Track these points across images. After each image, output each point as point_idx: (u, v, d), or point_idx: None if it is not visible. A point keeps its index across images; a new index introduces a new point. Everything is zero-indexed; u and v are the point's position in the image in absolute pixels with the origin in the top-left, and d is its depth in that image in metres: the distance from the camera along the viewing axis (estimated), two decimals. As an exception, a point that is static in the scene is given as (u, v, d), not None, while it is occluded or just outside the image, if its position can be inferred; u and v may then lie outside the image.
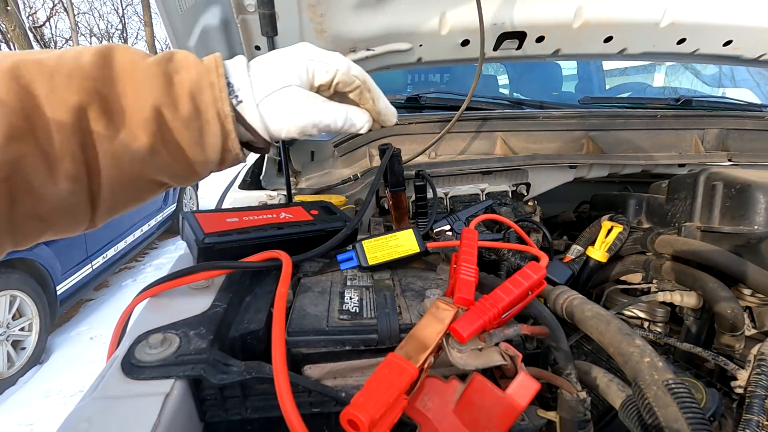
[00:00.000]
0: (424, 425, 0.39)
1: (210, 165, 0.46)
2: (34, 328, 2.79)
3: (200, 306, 0.49)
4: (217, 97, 0.43)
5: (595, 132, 1.18)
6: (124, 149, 0.41)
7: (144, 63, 0.42)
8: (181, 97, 0.42)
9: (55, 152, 0.38)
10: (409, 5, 0.90)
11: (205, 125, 0.43)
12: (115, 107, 0.40)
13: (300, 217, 0.68)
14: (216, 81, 0.43)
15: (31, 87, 0.37)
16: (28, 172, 0.37)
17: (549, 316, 0.48)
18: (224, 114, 0.43)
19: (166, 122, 0.42)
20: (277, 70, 0.47)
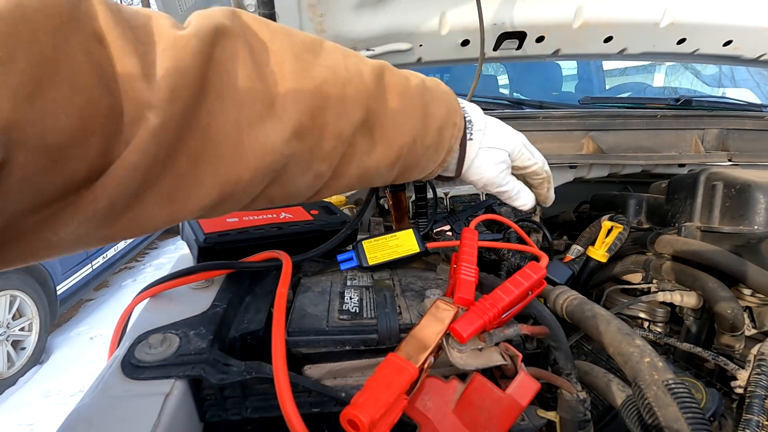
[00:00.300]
0: (424, 425, 0.39)
1: (423, 178, 0.55)
2: (34, 328, 2.79)
3: (200, 306, 0.49)
4: (454, 135, 0.51)
5: (595, 132, 1.18)
6: (375, 165, 0.45)
7: (409, 90, 0.46)
8: (431, 129, 0.48)
9: (321, 154, 0.40)
10: (409, 5, 0.90)
11: (434, 155, 0.50)
12: (380, 125, 0.44)
13: (300, 217, 0.68)
14: (459, 123, 0.51)
15: (324, 91, 0.38)
16: (293, 166, 0.38)
17: (549, 316, 0.48)
18: (452, 150, 0.51)
19: (415, 149, 0.47)
20: (504, 134, 0.57)
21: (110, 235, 0.31)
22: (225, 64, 0.33)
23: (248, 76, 0.34)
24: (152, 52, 0.29)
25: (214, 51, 0.32)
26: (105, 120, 0.26)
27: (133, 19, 0.30)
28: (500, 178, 0.56)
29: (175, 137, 0.30)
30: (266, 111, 0.35)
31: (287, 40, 0.38)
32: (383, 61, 0.46)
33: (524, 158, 0.59)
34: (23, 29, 0.23)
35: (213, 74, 0.32)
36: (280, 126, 0.35)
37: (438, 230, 0.80)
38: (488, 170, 0.55)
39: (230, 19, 0.35)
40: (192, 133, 0.31)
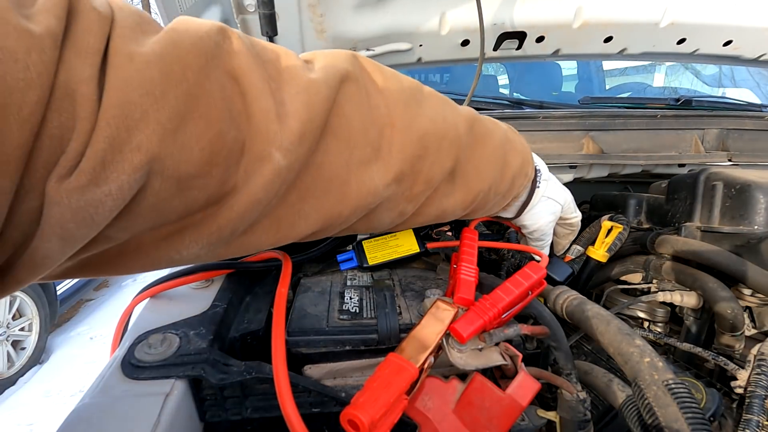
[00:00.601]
0: (424, 425, 0.39)
1: (475, 218, 0.58)
2: (34, 328, 2.79)
3: (200, 306, 0.49)
4: (525, 185, 0.55)
5: (595, 132, 1.17)
6: (451, 207, 0.46)
7: (493, 141, 0.48)
8: (506, 178, 0.50)
9: (410, 197, 0.41)
10: (409, 5, 0.90)
11: (501, 200, 0.53)
12: (461, 173, 0.45)
13: None
14: (530, 173, 0.54)
15: (426, 140, 0.40)
16: (383, 206, 0.40)
17: (549, 316, 0.48)
18: (518, 197, 0.56)
19: (489, 195, 0.49)
20: (560, 188, 0.62)
21: (222, 254, 0.34)
22: (344, 107, 0.34)
23: (362, 120, 0.36)
24: (282, 90, 0.31)
25: (338, 96, 0.34)
26: (228, 153, 0.28)
27: (264, 54, 0.32)
28: (549, 228, 0.61)
29: (295, 176, 0.32)
30: (374, 154, 0.37)
31: (398, 87, 0.40)
32: (473, 111, 0.49)
33: (569, 212, 0.64)
34: (176, 68, 0.24)
35: (333, 117, 0.34)
36: (384, 170, 0.37)
37: (438, 230, 0.80)
38: (543, 218, 0.60)
39: (352, 64, 0.37)
40: (308, 170, 0.33)
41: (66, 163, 0.21)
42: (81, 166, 0.22)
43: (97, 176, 0.22)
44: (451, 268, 0.52)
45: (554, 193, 0.60)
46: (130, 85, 0.23)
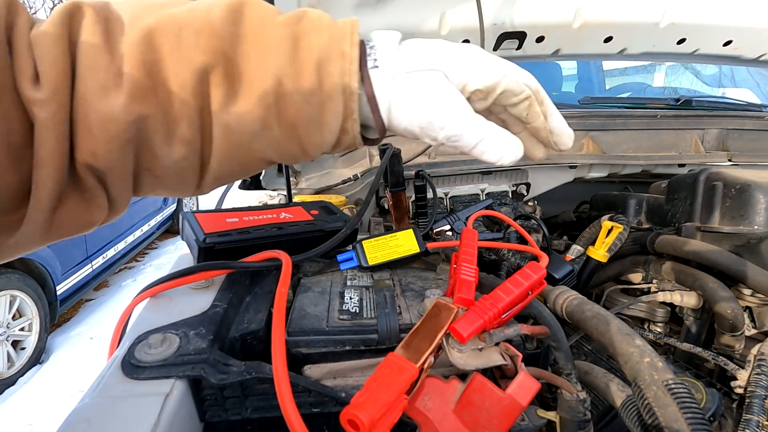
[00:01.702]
0: (425, 425, 0.39)
1: (324, 146, 0.40)
2: (34, 328, 2.79)
3: (200, 306, 0.49)
4: (346, 69, 0.36)
5: (595, 132, 1.18)
6: (238, 121, 0.37)
7: (274, 22, 0.37)
8: (307, 65, 0.36)
9: (174, 114, 0.35)
10: (409, 5, 0.90)
11: (327, 101, 0.37)
12: (237, 72, 0.36)
13: (300, 217, 0.68)
14: (348, 50, 0.37)
15: (154, 39, 0.34)
16: (149, 131, 0.35)
17: (549, 316, 0.48)
18: (350, 90, 0.37)
19: (286, 94, 0.36)
20: (431, 52, 0.39)
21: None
22: (78, 40, 0.33)
23: (95, 47, 0.33)
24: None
25: (71, 33, 0.33)
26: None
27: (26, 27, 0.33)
28: (440, 115, 0.38)
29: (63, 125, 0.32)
30: (111, 80, 0.33)
31: (144, 7, 0.36)
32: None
33: (478, 78, 0.38)
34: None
35: (79, 55, 0.33)
36: (118, 91, 0.33)
37: (438, 230, 0.80)
38: (415, 108, 0.38)
39: (91, 2, 0.35)
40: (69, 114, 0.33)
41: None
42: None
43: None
44: (451, 268, 0.52)
45: (419, 60, 0.38)
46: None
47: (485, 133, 0.39)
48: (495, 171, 1.06)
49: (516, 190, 1.06)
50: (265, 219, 0.64)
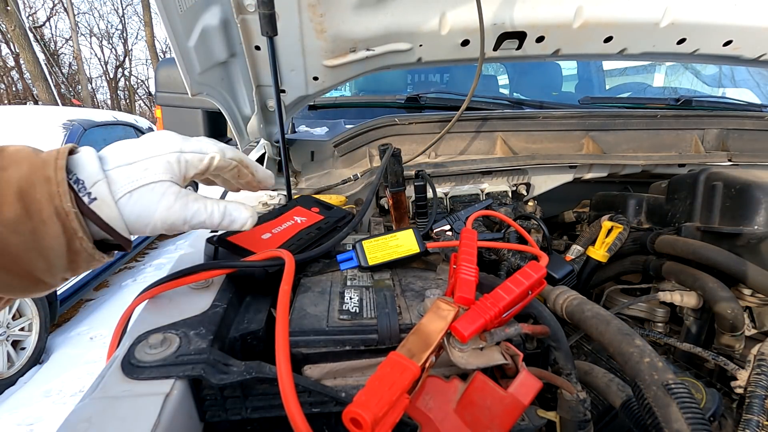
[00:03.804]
0: (426, 425, 0.39)
1: (56, 271, 0.40)
2: (34, 328, 2.79)
3: (200, 306, 0.49)
4: (54, 192, 0.37)
5: (595, 132, 1.18)
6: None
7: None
8: (6, 196, 0.36)
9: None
10: (409, 5, 0.90)
11: (40, 226, 0.37)
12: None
13: (312, 218, 0.70)
14: (53, 175, 0.37)
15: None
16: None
17: (549, 316, 0.48)
18: (64, 211, 0.37)
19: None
20: (142, 163, 0.42)
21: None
22: None
23: None
24: None
25: None
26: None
27: None
28: (178, 215, 0.43)
29: None
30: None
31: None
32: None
33: (193, 167, 0.45)
34: None
35: None
36: None
37: (438, 230, 0.80)
38: (152, 217, 0.42)
39: None
40: None
41: None
42: None
43: None
44: (451, 268, 0.52)
45: (135, 177, 0.41)
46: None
47: (222, 210, 0.47)
48: (495, 171, 1.06)
49: (516, 190, 1.06)
50: (290, 228, 0.67)
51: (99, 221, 0.40)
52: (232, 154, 0.48)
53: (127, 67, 17.22)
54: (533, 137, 1.17)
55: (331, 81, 0.99)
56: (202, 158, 0.46)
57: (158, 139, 0.45)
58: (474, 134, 1.15)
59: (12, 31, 7.84)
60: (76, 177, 0.40)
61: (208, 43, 0.83)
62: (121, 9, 16.39)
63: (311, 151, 1.14)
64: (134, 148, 0.44)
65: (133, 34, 17.95)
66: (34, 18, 13.09)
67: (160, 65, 1.15)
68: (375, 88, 1.98)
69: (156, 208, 0.42)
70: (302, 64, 0.92)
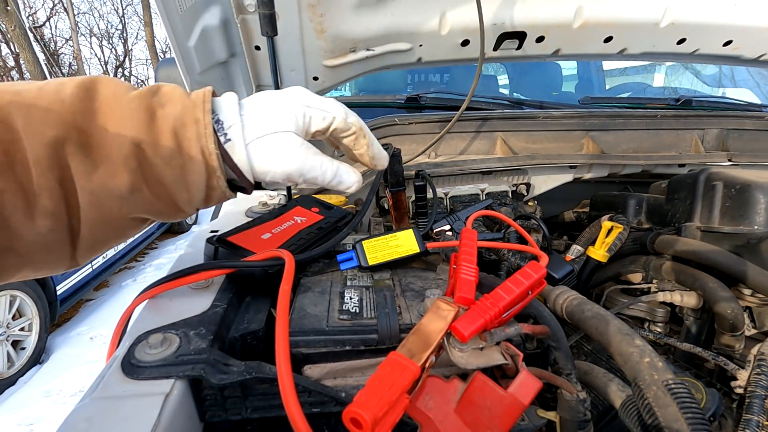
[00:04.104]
0: (426, 425, 0.39)
1: (194, 202, 0.45)
2: (34, 328, 2.79)
3: (200, 306, 0.49)
4: (202, 133, 0.41)
5: (595, 132, 1.18)
6: (103, 186, 0.39)
7: (127, 96, 0.40)
8: (163, 132, 0.40)
9: (33, 188, 0.37)
10: (409, 5, 0.90)
11: (188, 162, 0.42)
12: (94, 142, 0.39)
13: (312, 218, 0.70)
14: (201, 117, 0.42)
15: (10, 120, 0.36)
16: (6, 207, 0.36)
17: (549, 316, 0.48)
18: (208, 151, 0.42)
19: (147, 159, 0.40)
20: (272, 113, 0.46)
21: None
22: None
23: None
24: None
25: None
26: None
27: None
28: (296, 166, 0.46)
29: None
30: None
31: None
32: (100, 76, 0.42)
33: (316, 123, 0.48)
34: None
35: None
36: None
37: (438, 230, 0.80)
38: (274, 164, 0.45)
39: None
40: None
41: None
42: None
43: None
44: (451, 268, 0.52)
45: (266, 125, 0.45)
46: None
47: (335, 169, 0.50)
48: (495, 171, 1.06)
49: (516, 190, 1.06)
50: (290, 228, 0.67)
51: (230, 162, 0.44)
52: (353, 119, 0.51)
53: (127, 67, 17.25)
54: (533, 137, 1.17)
55: (331, 81, 0.99)
56: (324, 116, 0.48)
57: (290, 92, 0.48)
58: (474, 134, 1.15)
59: (12, 31, 7.85)
60: (217, 117, 0.44)
61: (208, 43, 0.83)
62: (121, 9, 16.39)
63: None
64: (269, 98, 0.47)
65: (133, 34, 17.96)
66: (34, 18, 13.09)
67: (160, 65, 1.15)
68: (375, 88, 1.98)
69: (279, 156, 0.45)
70: (302, 64, 0.92)
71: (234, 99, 0.46)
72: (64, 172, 0.38)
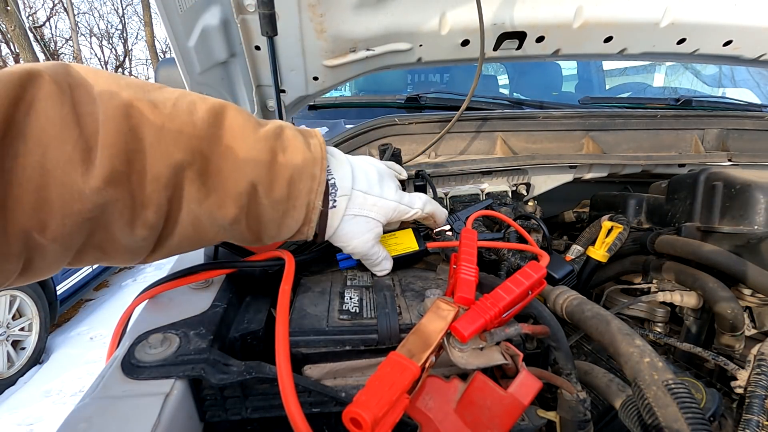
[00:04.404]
0: (426, 425, 0.39)
1: (276, 239, 0.48)
2: (34, 328, 2.79)
3: (200, 306, 0.49)
4: (314, 189, 0.45)
5: (595, 132, 1.18)
6: (209, 214, 0.41)
7: (254, 134, 0.42)
8: (280, 179, 0.43)
9: (144, 200, 0.37)
10: (409, 5, 0.90)
11: (291, 210, 0.45)
12: (212, 170, 0.40)
13: None
14: (318, 175, 0.45)
15: (140, 130, 0.35)
16: (113, 215, 0.36)
17: (549, 316, 0.47)
18: (313, 206, 0.46)
19: (258, 198, 0.42)
20: (375, 199, 0.52)
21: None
22: (35, 104, 0.31)
23: (61, 118, 0.32)
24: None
25: (24, 93, 0.31)
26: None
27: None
28: (368, 248, 0.54)
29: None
30: (78, 155, 0.32)
31: (115, 82, 0.36)
32: (229, 104, 0.42)
33: (401, 214, 0.56)
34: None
35: (21, 115, 0.31)
36: (92, 171, 0.33)
37: (438, 230, 0.80)
38: (356, 239, 0.52)
39: (48, 67, 0.34)
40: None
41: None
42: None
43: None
44: (451, 268, 0.52)
45: (366, 208, 0.52)
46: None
47: (382, 257, 0.57)
48: (495, 171, 1.06)
49: (516, 190, 1.06)
50: None
51: (323, 222, 0.49)
52: (430, 209, 0.60)
53: (127, 67, 17.24)
54: (533, 137, 1.17)
55: (331, 81, 0.99)
56: (408, 212, 0.56)
57: (391, 182, 0.56)
58: (474, 134, 1.15)
59: (12, 31, 7.84)
60: (333, 182, 0.49)
61: (208, 43, 0.83)
62: (121, 9, 16.39)
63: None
64: (375, 181, 0.54)
65: (133, 34, 17.96)
66: (34, 18, 13.08)
67: (160, 65, 1.15)
68: (375, 88, 1.98)
69: (360, 237, 0.52)
70: (302, 64, 0.92)
71: (348, 167, 0.51)
72: (177, 192, 0.39)
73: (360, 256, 0.55)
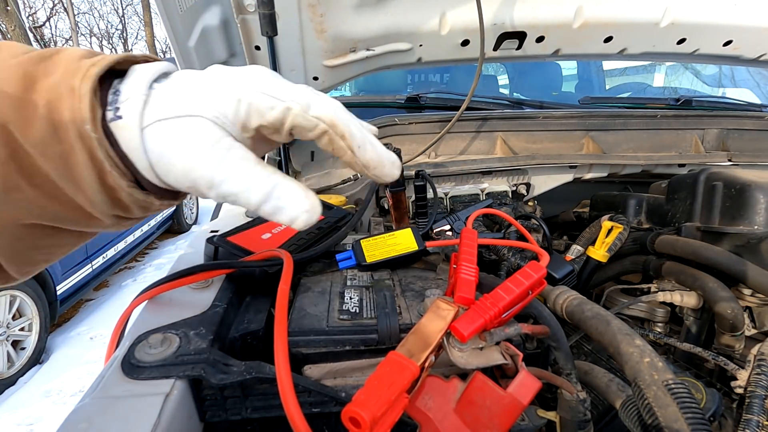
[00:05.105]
0: (425, 425, 0.39)
1: (101, 207, 0.31)
2: (34, 328, 2.79)
3: (200, 306, 0.49)
4: (76, 107, 0.28)
5: (595, 132, 1.18)
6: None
7: (13, 59, 0.29)
8: (37, 109, 0.28)
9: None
10: (409, 5, 0.90)
11: (70, 152, 0.29)
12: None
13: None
14: (77, 85, 0.28)
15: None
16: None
17: (549, 316, 0.47)
18: (86, 136, 0.28)
19: (20, 146, 0.28)
20: (195, 90, 0.31)
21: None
22: None
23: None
24: None
25: None
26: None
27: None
28: (211, 168, 0.30)
29: None
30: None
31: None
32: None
33: (258, 115, 0.31)
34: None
35: None
36: None
37: (438, 230, 0.80)
38: (175, 162, 0.30)
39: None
40: None
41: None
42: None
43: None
44: (451, 267, 0.52)
45: (177, 106, 0.30)
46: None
47: (270, 190, 0.31)
48: (495, 171, 1.06)
49: (516, 190, 1.06)
50: (290, 227, 0.67)
51: (115, 146, 0.30)
52: (321, 112, 0.31)
53: (127, 67, 17.18)
54: (533, 137, 1.17)
55: (331, 81, 0.99)
56: (272, 105, 0.31)
57: (241, 71, 0.32)
58: (474, 134, 1.15)
59: (12, 31, 7.85)
60: (117, 89, 0.30)
61: (208, 43, 0.83)
62: (121, 9, 16.41)
63: (311, 151, 1.14)
64: (207, 74, 0.33)
65: (133, 34, 17.96)
66: (34, 18, 13.10)
67: (160, 65, 1.14)
68: (375, 88, 1.98)
69: (180, 150, 0.30)
70: (302, 64, 0.92)
71: (156, 67, 0.31)
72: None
73: (211, 189, 0.31)
